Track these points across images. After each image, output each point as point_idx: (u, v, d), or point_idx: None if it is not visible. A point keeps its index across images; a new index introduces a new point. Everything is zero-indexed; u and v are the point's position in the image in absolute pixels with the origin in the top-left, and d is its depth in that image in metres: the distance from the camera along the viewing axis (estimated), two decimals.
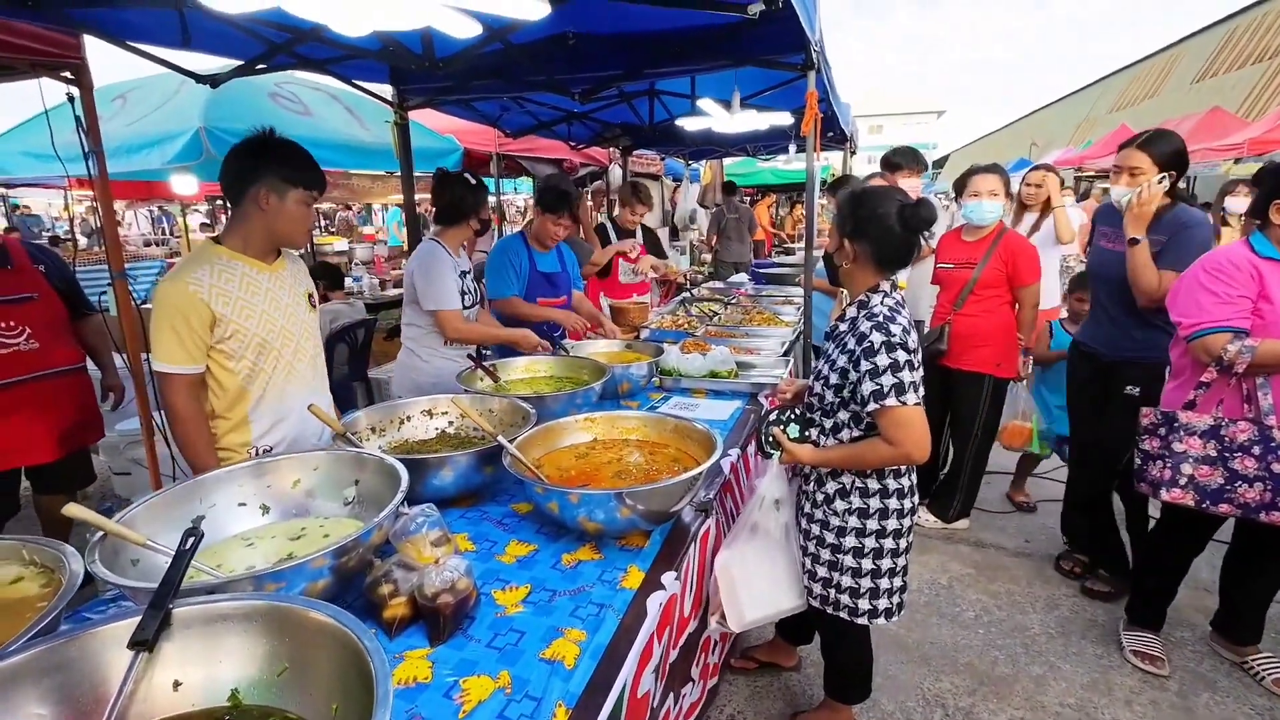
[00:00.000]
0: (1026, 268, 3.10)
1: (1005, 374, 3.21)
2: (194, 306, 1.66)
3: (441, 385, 2.69)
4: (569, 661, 1.16)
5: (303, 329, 1.93)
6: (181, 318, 1.65)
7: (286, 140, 1.82)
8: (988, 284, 3.15)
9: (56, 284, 2.73)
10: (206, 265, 1.71)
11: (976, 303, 3.18)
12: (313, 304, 2.00)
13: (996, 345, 3.16)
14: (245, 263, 1.78)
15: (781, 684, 2.36)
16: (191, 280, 1.67)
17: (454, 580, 1.24)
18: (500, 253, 3.20)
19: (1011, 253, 3.11)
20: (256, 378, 1.82)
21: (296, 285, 1.94)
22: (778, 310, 4.30)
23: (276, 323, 1.83)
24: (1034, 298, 3.16)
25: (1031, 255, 3.13)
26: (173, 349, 1.67)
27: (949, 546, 3.31)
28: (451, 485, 1.70)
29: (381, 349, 5.36)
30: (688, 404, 2.60)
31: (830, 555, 1.81)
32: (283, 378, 1.87)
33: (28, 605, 0.95)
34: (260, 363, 1.81)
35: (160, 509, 1.35)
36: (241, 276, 1.77)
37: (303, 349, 1.93)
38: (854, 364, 1.67)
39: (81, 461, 2.97)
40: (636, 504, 1.46)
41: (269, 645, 0.87)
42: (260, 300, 1.79)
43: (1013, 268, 3.11)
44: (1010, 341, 3.20)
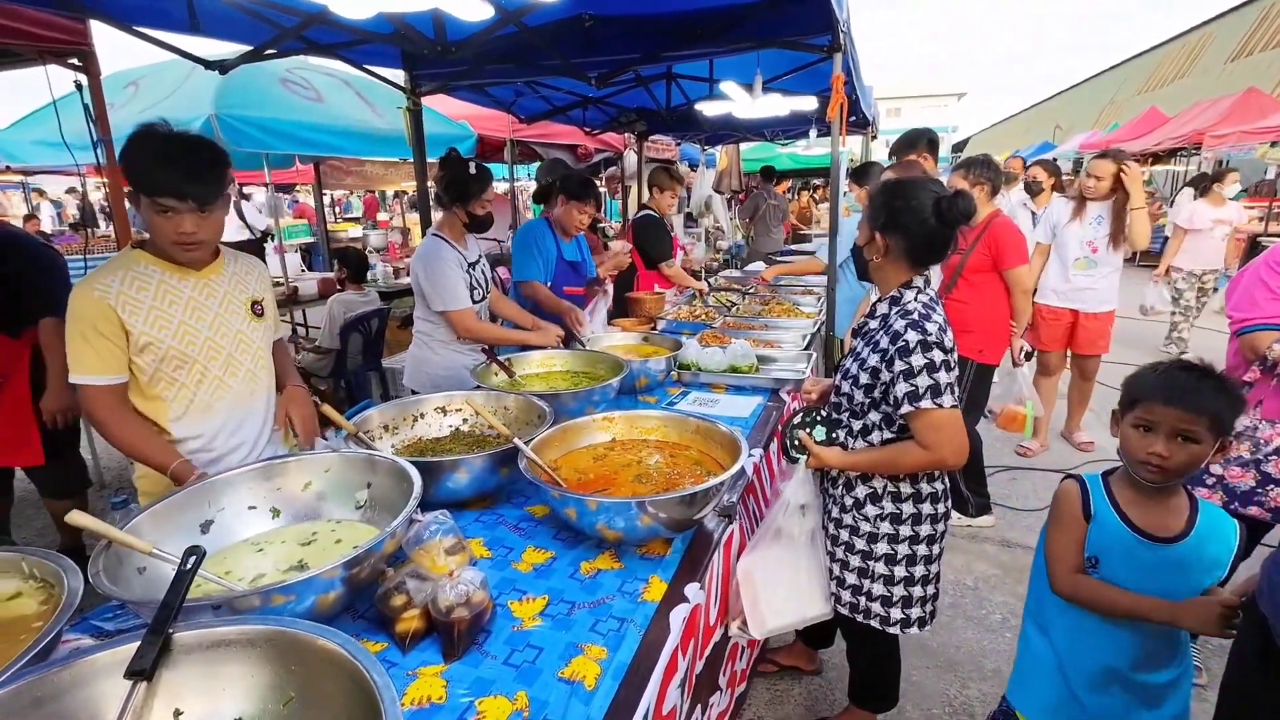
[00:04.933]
0: (1007, 251, 3.05)
1: (988, 360, 3.18)
2: (102, 314, 1.51)
3: (454, 378, 2.63)
4: (589, 682, 1.10)
5: (237, 341, 1.71)
6: (90, 325, 1.51)
7: (144, 135, 1.48)
8: (976, 269, 3.12)
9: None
10: (120, 272, 1.55)
11: (967, 288, 3.14)
12: (257, 312, 1.77)
13: (982, 331, 3.13)
14: (164, 269, 1.60)
15: (802, 688, 2.31)
16: (99, 286, 1.52)
17: (469, 594, 1.18)
18: (527, 235, 3.16)
19: (995, 237, 3.06)
20: (176, 393, 1.64)
21: (236, 292, 1.72)
22: (797, 301, 4.20)
23: (200, 335, 1.63)
24: (1022, 282, 3.11)
25: (1015, 239, 3.08)
26: (86, 358, 1.52)
27: (974, 546, 3.22)
28: (466, 488, 1.64)
29: (395, 337, 5.33)
30: (707, 399, 2.53)
31: (860, 562, 1.74)
32: (208, 393, 1.68)
33: (24, 624, 0.91)
34: (179, 376, 1.63)
35: (168, 513, 1.31)
36: (158, 284, 1.58)
37: (236, 362, 1.72)
38: (886, 363, 1.59)
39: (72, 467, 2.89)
40: (658, 512, 1.40)
41: (274, 674, 0.82)
42: (179, 310, 1.60)
43: (996, 251, 3.06)
44: (997, 328, 3.17)
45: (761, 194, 8.24)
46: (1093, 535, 1.44)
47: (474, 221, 2.68)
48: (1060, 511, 1.49)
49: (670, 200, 4.34)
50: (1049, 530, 1.52)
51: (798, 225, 10.64)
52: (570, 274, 3.25)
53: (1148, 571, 1.37)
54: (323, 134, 4.28)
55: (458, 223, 2.69)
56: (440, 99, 4.52)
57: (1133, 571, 1.39)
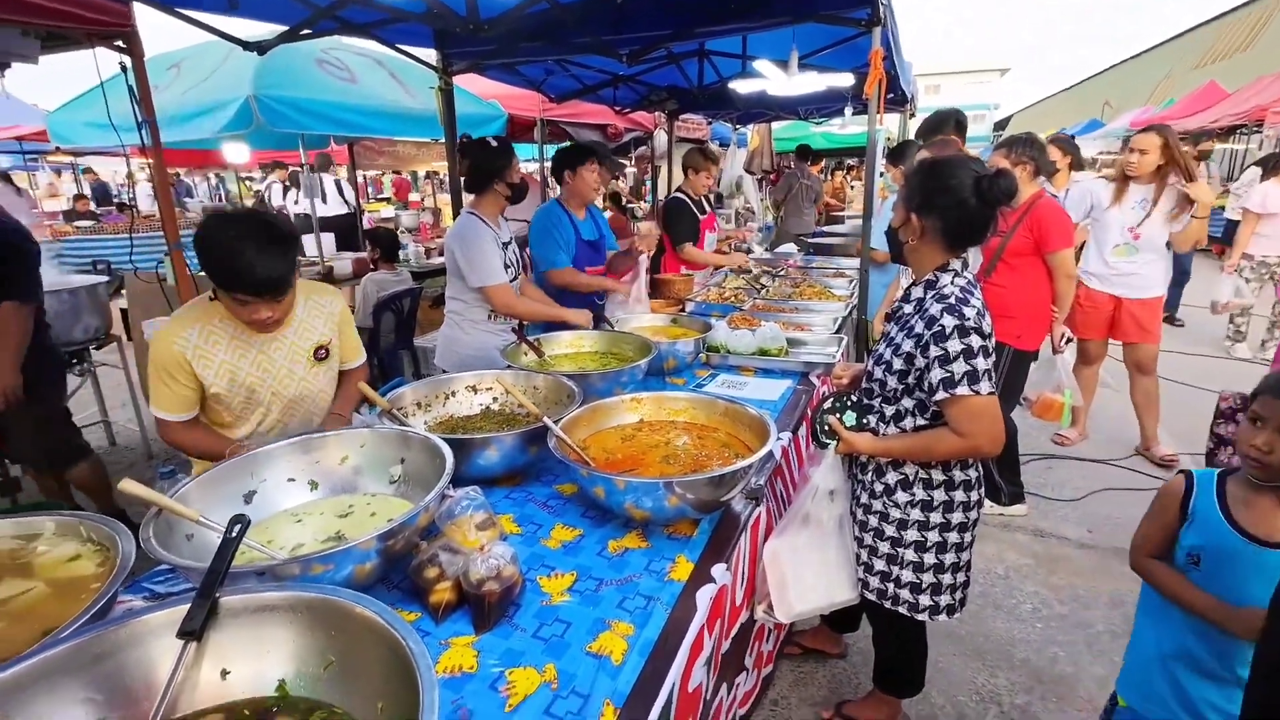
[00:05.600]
0: (1052, 233, 2.93)
1: (1025, 346, 3.07)
2: (178, 363, 1.64)
3: (484, 358, 2.67)
4: (616, 657, 1.12)
5: (299, 388, 1.84)
6: (167, 371, 1.65)
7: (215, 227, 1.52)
8: (1017, 252, 3.00)
9: None
10: (198, 325, 1.66)
11: (1007, 272, 3.03)
12: (320, 357, 1.86)
13: (1021, 317, 3.02)
14: (236, 326, 1.69)
15: (826, 671, 2.31)
16: (178, 340, 1.64)
17: (499, 568, 1.21)
18: (544, 220, 3.14)
19: (1039, 218, 2.94)
20: (241, 425, 1.82)
21: (302, 341, 1.82)
22: (829, 283, 4.13)
23: (265, 385, 1.77)
24: (1066, 266, 2.98)
25: (1060, 220, 2.95)
26: (164, 398, 1.68)
27: (1006, 535, 3.17)
28: (497, 465, 1.67)
29: (427, 317, 5.41)
30: (736, 382, 2.52)
31: (889, 549, 1.72)
32: (267, 429, 1.84)
33: (83, 585, 0.96)
34: (245, 414, 1.80)
35: (214, 483, 1.36)
36: (230, 339, 1.70)
37: (296, 405, 1.86)
38: (921, 349, 1.55)
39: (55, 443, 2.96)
40: (686, 493, 1.40)
41: (315, 638, 0.85)
42: (247, 364, 1.73)
43: (1039, 233, 2.94)
44: (1037, 314, 3.06)
45: (795, 174, 8.06)
46: (1194, 532, 1.41)
47: (514, 190, 2.71)
48: (1156, 503, 1.49)
49: (705, 181, 4.28)
50: (1146, 514, 1.52)
51: (832, 206, 10.42)
52: (590, 253, 3.23)
53: (1251, 574, 1.32)
54: (356, 114, 4.32)
55: (491, 203, 2.72)
56: (471, 78, 4.52)
57: (1235, 572, 1.34)
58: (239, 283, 1.52)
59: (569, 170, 3.09)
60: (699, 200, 4.36)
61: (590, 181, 3.10)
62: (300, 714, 0.82)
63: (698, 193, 4.33)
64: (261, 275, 1.50)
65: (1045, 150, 3.17)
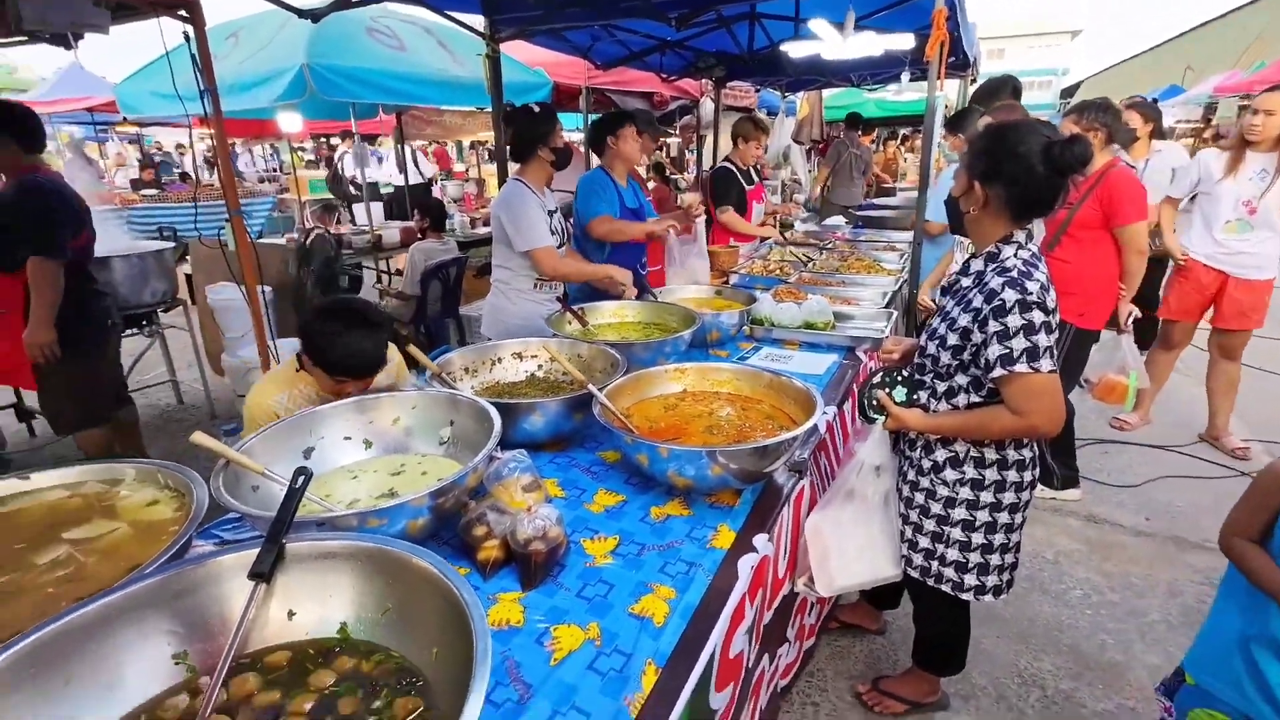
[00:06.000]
0: (1124, 205, 2.73)
1: (1089, 325, 2.92)
2: (270, 418, 1.71)
3: (529, 328, 2.69)
4: (658, 619, 1.14)
5: None
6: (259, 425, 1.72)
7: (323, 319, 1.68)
8: (1084, 224, 2.82)
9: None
10: (287, 390, 1.81)
11: (1072, 246, 2.86)
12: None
13: (1084, 293, 2.86)
14: (320, 395, 1.79)
15: (864, 646, 2.31)
16: (270, 401, 1.79)
17: (545, 529, 1.24)
18: (589, 183, 3.14)
19: (1109, 189, 2.75)
20: None
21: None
22: (879, 257, 4.01)
23: None
24: (1137, 241, 2.78)
25: (1134, 191, 2.75)
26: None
27: (1057, 519, 3.07)
28: (542, 430, 1.70)
29: (471, 287, 5.49)
30: (780, 356, 2.48)
31: (935, 526, 1.69)
32: None
33: (163, 528, 1.02)
34: None
35: (276, 438, 1.42)
36: (310, 402, 1.79)
37: None
38: (979, 324, 1.50)
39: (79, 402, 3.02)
40: (729, 462, 1.40)
41: (374, 586, 0.90)
42: None
43: (1109, 205, 2.75)
44: (1102, 290, 2.89)
45: (844, 143, 7.78)
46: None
47: (559, 155, 2.70)
48: (1255, 486, 1.42)
49: (755, 151, 4.18)
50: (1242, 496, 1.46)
51: (882, 178, 10.05)
52: (632, 221, 3.23)
53: None
54: (405, 83, 4.36)
55: (537, 170, 2.72)
56: (517, 46, 4.49)
57: None
58: (339, 369, 1.68)
59: (610, 136, 3.07)
60: (747, 170, 4.27)
61: (633, 145, 3.08)
62: (360, 655, 0.86)
63: (746, 163, 4.23)
64: (357, 364, 1.69)
65: (1120, 116, 2.97)
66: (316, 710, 0.78)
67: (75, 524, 1.03)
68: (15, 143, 2.70)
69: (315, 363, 1.69)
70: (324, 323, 1.67)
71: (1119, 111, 2.99)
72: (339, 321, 1.67)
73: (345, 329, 1.65)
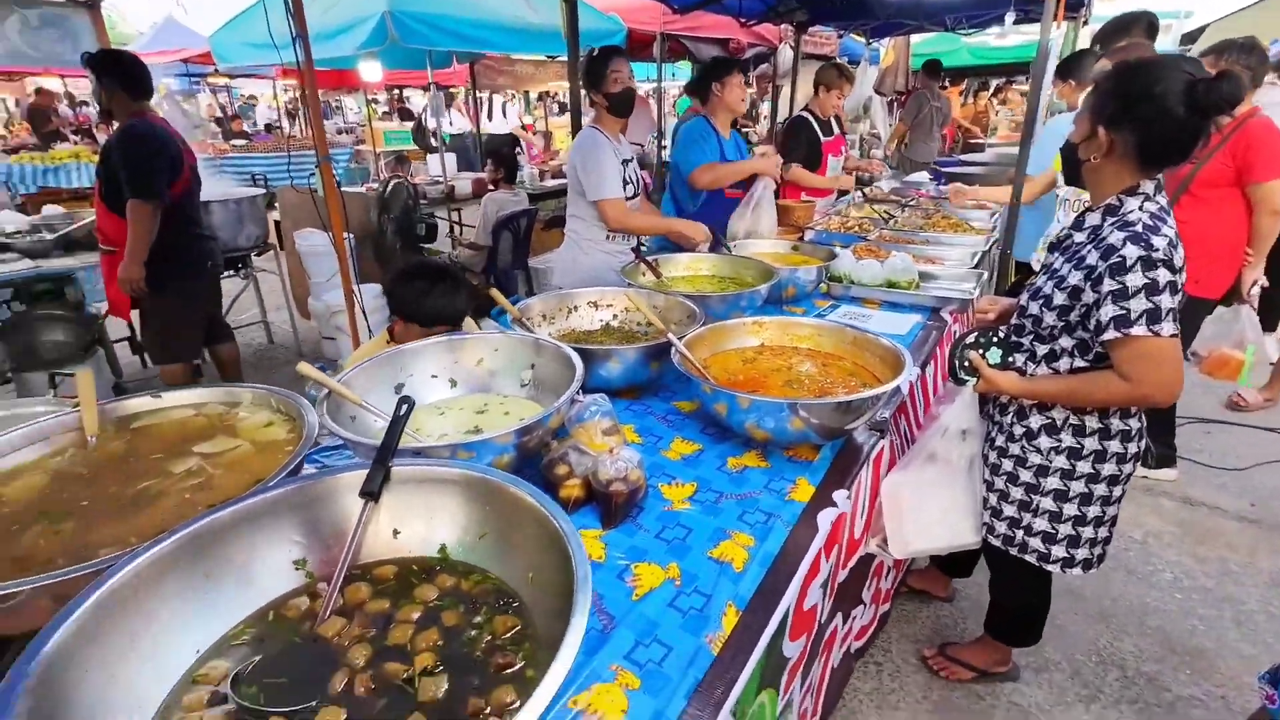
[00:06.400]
0: (1261, 159, 2.44)
1: (1204, 293, 2.68)
2: None
3: (601, 279, 2.70)
4: (737, 564, 1.15)
5: None
6: None
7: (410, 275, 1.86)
8: (1211, 180, 2.54)
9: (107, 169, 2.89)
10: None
11: (1192, 205, 2.60)
12: None
13: (1203, 258, 2.59)
14: None
15: (930, 612, 2.28)
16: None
17: (626, 470, 1.26)
18: (691, 131, 3.08)
19: (1246, 141, 2.45)
20: None
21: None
22: (967, 216, 3.78)
23: None
24: (1272, 200, 2.48)
25: (1276, 144, 2.43)
26: None
27: (1149, 499, 2.90)
28: (618, 378, 1.71)
29: (540, 240, 5.54)
30: (859, 314, 2.40)
31: (1023, 495, 1.62)
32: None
33: (279, 448, 1.09)
34: None
35: (370, 374, 1.49)
36: None
37: None
38: (1093, 282, 1.39)
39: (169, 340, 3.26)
40: (810, 417, 1.37)
41: (472, 511, 0.93)
42: None
43: (1243, 160, 2.46)
44: (1224, 254, 2.63)
45: (925, 94, 7.25)
46: None
47: (613, 102, 2.63)
48: None
49: (837, 101, 3.97)
50: None
51: (971, 131, 9.40)
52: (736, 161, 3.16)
53: None
54: (482, 29, 4.34)
55: (613, 119, 2.68)
56: None
57: None
58: (430, 320, 1.83)
59: (717, 83, 2.98)
60: (826, 121, 4.07)
61: (738, 94, 3.00)
62: (459, 575, 0.91)
63: (825, 113, 4.03)
64: (446, 313, 1.84)
65: (1266, 60, 2.64)
66: (423, 620, 0.83)
67: (202, 439, 1.12)
68: (123, 90, 2.86)
69: (407, 318, 1.85)
70: (410, 281, 1.85)
71: (1265, 53, 2.65)
72: (424, 279, 1.84)
73: (431, 284, 1.83)
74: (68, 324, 3.48)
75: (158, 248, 2.91)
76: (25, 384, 3.30)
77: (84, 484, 1.01)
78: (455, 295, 1.88)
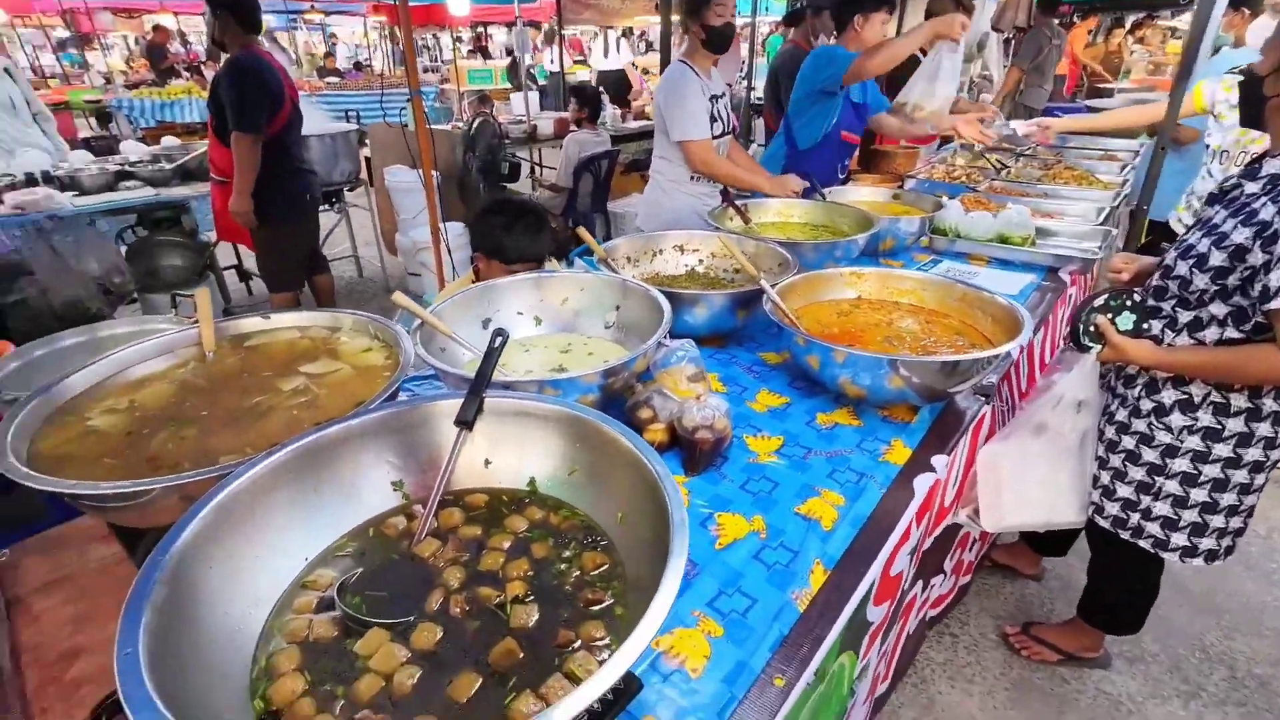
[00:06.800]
0: None
1: None
2: None
3: (684, 222, 2.62)
4: (826, 523, 1.10)
5: None
6: None
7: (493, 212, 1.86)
8: None
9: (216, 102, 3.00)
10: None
11: None
12: None
13: None
14: None
15: (1015, 589, 2.17)
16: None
17: (713, 418, 1.22)
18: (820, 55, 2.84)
19: None
20: None
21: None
22: (1093, 167, 3.40)
23: None
24: None
25: None
26: None
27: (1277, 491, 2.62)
28: (704, 325, 1.66)
29: (618, 184, 5.45)
30: (963, 271, 2.22)
31: (1144, 476, 1.48)
32: None
33: (377, 373, 1.12)
34: None
35: (460, 308, 1.50)
36: None
37: None
38: (1264, 242, 1.20)
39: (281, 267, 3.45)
40: (912, 375, 1.28)
41: (563, 447, 0.93)
42: None
43: None
44: None
45: (1044, 33, 6.46)
46: None
47: (711, 35, 2.48)
48: None
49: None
50: None
51: (1100, 74, 8.41)
52: (854, 118, 2.92)
53: None
54: None
55: (702, 53, 2.53)
56: None
57: None
58: (514, 255, 1.83)
59: (860, 15, 2.74)
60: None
61: (878, 32, 2.74)
62: (548, 508, 0.91)
63: None
64: (529, 249, 1.84)
65: None
66: (513, 550, 0.84)
67: (307, 360, 1.16)
68: (237, 23, 2.94)
69: (491, 254, 1.85)
70: (493, 216, 1.86)
71: None
72: (506, 215, 1.86)
73: (514, 220, 1.85)
74: (184, 250, 3.74)
75: (264, 180, 3.04)
76: (149, 304, 3.60)
77: (203, 395, 1.07)
78: (539, 233, 1.87)
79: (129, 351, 1.14)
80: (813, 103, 2.85)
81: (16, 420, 0.93)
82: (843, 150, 2.93)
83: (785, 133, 2.94)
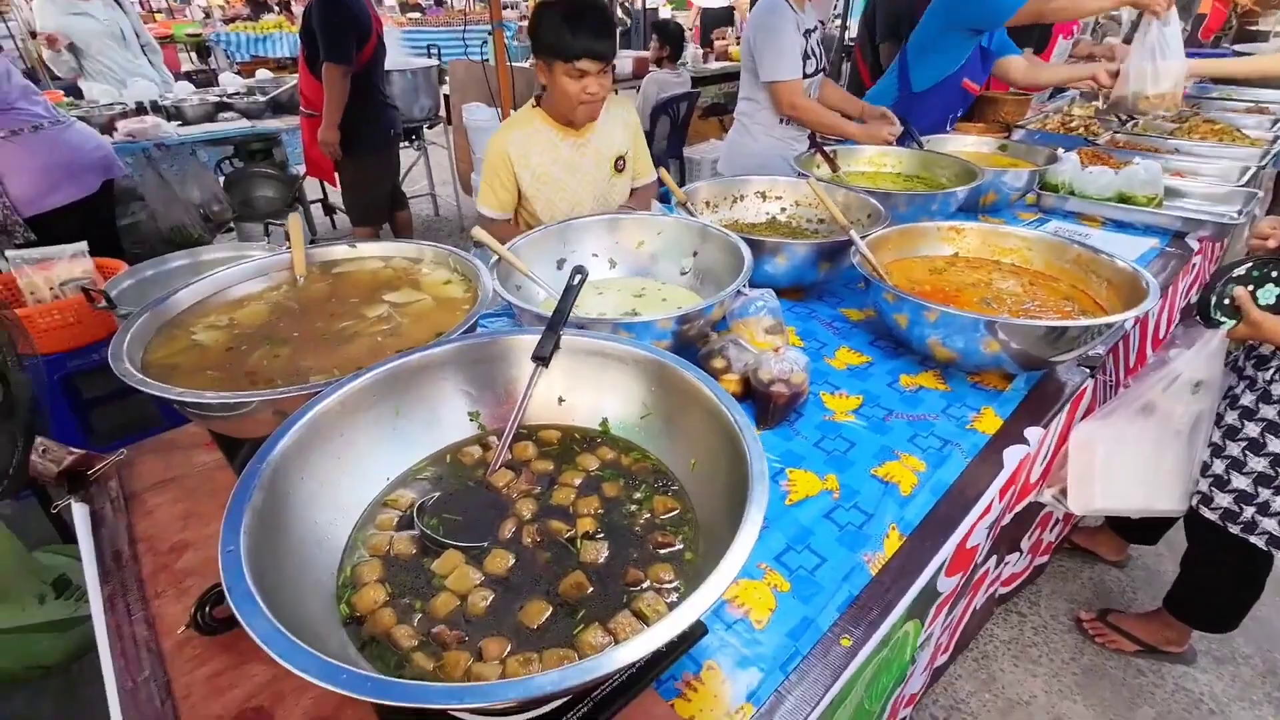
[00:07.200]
0: None
1: None
2: (504, 163, 1.79)
3: (768, 167, 2.50)
4: (905, 488, 1.05)
5: (598, 196, 1.93)
6: (495, 173, 1.81)
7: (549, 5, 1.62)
8: None
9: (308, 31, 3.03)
10: (521, 130, 1.80)
11: None
12: (619, 168, 1.95)
13: None
14: (553, 129, 1.81)
15: (1095, 575, 2.05)
16: (509, 141, 1.78)
17: (791, 373, 1.18)
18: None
19: None
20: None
21: (605, 149, 1.89)
22: (1237, 121, 3.00)
23: (569, 190, 1.86)
24: None
25: None
26: (488, 197, 1.85)
27: None
28: (783, 276, 1.59)
29: (696, 128, 5.26)
30: (1074, 232, 2.03)
31: (1266, 467, 1.35)
32: None
33: (456, 305, 1.13)
34: (548, 216, 1.88)
35: (535, 246, 1.49)
36: (546, 143, 1.80)
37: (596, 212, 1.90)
38: None
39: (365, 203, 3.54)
40: (1010, 340, 1.19)
41: (637, 389, 0.91)
42: (558, 170, 1.83)
43: None
44: None
45: None
46: None
47: None
48: None
49: None
50: None
51: (1253, 12, 7.33)
52: (978, 64, 2.65)
53: None
54: None
55: None
56: None
57: None
58: (580, 46, 1.61)
59: None
60: None
61: None
62: (619, 449, 0.90)
63: None
64: (595, 34, 1.61)
65: None
66: (584, 487, 0.84)
67: (390, 290, 1.18)
68: None
69: (552, 54, 1.64)
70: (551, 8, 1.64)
71: None
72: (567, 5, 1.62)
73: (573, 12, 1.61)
74: (276, 181, 3.90)
75: (350, 113, 3.10)
76: (243, 232, 3.80)
77: (295, 317, 1.11)
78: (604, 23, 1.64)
79: (229, 272, 1.19)
80: (946, 40, 2.59)
81: (130, 331, 0.99)
82: (960, 99, 2.68)
83: (899, 71, 2.70)
